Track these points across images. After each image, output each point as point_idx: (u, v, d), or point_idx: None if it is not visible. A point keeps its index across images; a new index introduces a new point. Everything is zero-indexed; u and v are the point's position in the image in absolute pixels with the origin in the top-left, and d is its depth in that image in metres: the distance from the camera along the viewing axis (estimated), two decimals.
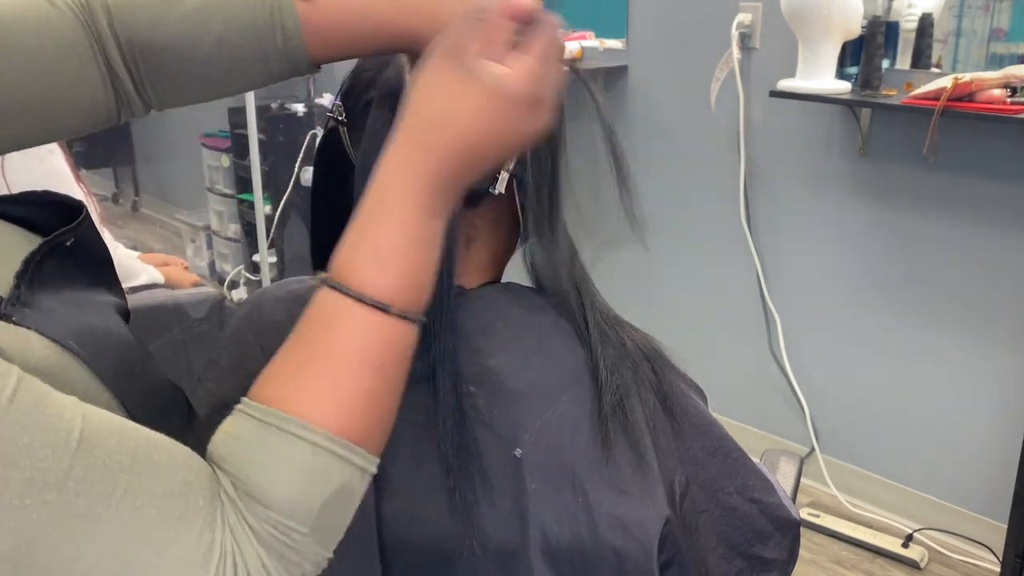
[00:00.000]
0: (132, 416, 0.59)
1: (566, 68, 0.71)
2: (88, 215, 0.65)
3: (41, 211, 0.66)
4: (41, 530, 0.43)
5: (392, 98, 0.77)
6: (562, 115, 0.84)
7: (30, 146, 0.65)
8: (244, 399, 0.56)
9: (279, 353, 0.57)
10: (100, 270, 0.68)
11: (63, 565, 0.44)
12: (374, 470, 0.56)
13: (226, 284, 4.26)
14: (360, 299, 0.54)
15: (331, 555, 0.55)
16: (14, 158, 1.74)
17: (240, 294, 4.21)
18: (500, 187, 0.81)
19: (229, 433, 0.54)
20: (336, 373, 0.54)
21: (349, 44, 0.70)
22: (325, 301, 0.56)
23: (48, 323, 0.57)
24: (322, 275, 0.56)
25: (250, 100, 3.39)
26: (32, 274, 0.59)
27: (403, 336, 0.57)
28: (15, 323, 0.55)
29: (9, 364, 0.45)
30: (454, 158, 0.57)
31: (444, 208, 0.58)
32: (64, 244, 0.62)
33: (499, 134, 0.58)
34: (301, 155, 3.70)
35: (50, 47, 0.62)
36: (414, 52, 0.66)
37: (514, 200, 0.84)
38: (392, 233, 0.56)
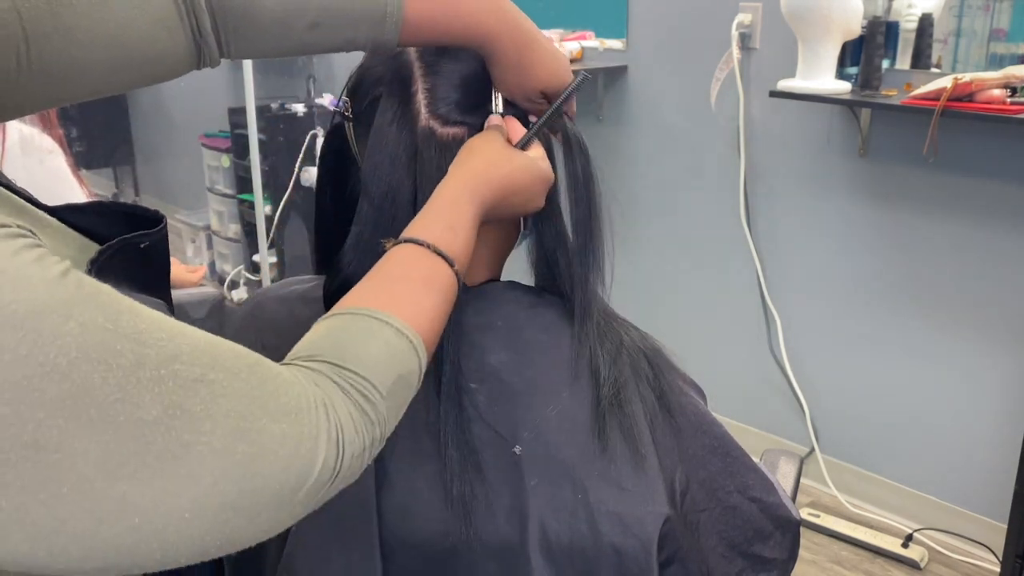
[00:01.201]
0: None
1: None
2: (166, 226, 0.70)
3: (103, 220, 0.70)
4: (177, 395, 0.49)
5: (400, 96, 0.78)
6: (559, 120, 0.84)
7: (113, 94, 0.74)
8: (332, 310, 0.65)
9: (360, 284, 0.68)
10: (160, 278, 0.72)
11: (197, 424, 0.50)
12: (422, 374, 0.66)
13: (226, 284, 4.26)
14: (437, 251, 0.70)
15: (390, 432, 0.63)
16: (15, 158, 1.74)
17: (240, 294, 4.21)
18: None
19: (319, 329, 0.64)
20: (414, 290, 0.68)
21: (435, 36, 0.77)
22: (404, 250, 0.70)
23: None
24: (400, 237, 0.71)
25: (250, 100, 3.39)
26: (103, 263, 0.63)
27: (453, 289, 0.71)
28: None
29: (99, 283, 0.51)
30: (499, 189, 0.77)
31: (481, 221, 0.76)
32: (139, 245, 0.67)
33: (522, 191, 0.79)
34: (301, 155, 3.70)
35: (142, 20, 0.69)
36: (484, 48, 0.78)
37: None
38: (460, 217, 0.73)
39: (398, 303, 0.65)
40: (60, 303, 0.46)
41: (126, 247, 0.65)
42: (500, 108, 0.81)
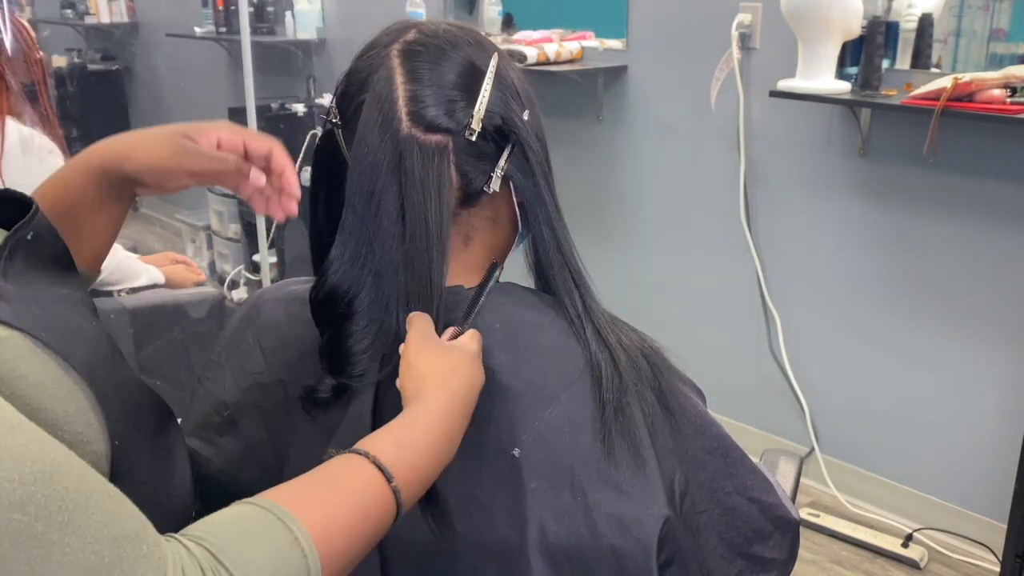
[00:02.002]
0: (106, 412, 0.62)
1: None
2: (38, 208, 0.66)
3: (4, 209, 0.67)
4: (3, 547, 0.45)
5: (381, 100, 0.77)
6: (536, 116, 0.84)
7: None
8: (254, 496, 0.62)
9: (292, 480, 0.65)
10: (62, 264, 0.69)
11: None
12: None
13: (226, 284, 4.26)
14: (375, 462, 0.67)
15: None
16: (15, 158, 1.74)
17: (240, 294, 4.21)
18: (495, 185, 0.81)
19: (224, 513, 0.59)
20: (334, 501, 0.64)
21: (95, 238, 0.79)
22: (349, 458, 0.67)
23: (20, 316, 0.59)
24: (354, 447, 0.69)
25: (250, 100, 3.39)
26: (5, 267, 0.61)
27: (388, 508, 0.67)
28: None
29: None
30: (455, 396, 0.75)
31: (455, 432, 0.74)
32: (25, 238, 0.64)
33: (473, 377, 0.77)
34: (301, 155, 3.69)
35: None
36: (124, 177, 0.80)
37: (510, 199, 0.84)
38: (414, 433, 0.71)
39: (312, 507, 0.61)
40: None
41: (16, 244, 0.63)
42: (483, 113, 0.78)
